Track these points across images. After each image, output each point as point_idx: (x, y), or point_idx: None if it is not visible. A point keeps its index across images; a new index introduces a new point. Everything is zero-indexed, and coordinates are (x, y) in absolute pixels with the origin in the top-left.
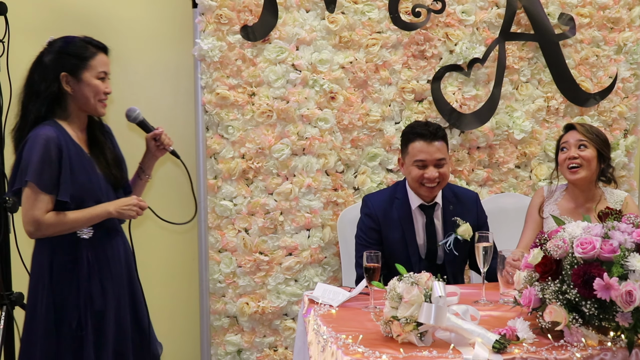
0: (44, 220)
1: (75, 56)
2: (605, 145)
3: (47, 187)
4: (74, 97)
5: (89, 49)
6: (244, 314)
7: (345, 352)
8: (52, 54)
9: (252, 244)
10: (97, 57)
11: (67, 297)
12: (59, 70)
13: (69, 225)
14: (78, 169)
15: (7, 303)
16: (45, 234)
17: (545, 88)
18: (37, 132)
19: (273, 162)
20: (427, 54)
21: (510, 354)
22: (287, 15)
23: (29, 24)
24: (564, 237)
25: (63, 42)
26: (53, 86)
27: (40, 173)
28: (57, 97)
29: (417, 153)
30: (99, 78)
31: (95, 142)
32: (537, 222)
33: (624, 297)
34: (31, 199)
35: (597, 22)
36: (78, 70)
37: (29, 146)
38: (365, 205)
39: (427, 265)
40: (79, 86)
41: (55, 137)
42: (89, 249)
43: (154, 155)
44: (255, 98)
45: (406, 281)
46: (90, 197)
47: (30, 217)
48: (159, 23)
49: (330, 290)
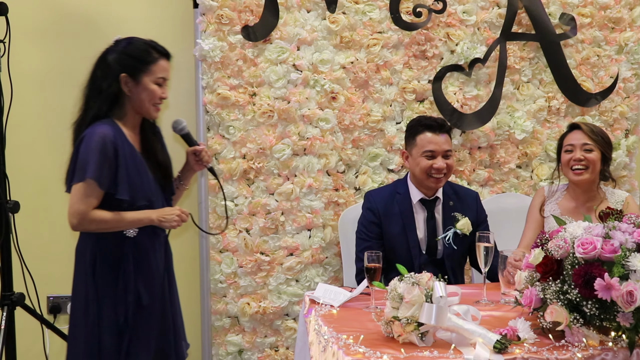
0: (89, 216)
1: (137, 59)
2: (608, 147)
3: (105, 185)
4: (130, 98)
5: (151, 54)
6: (245, 314)
7: (346, 353)
8: (116, 53)
9: (253, 244)
10: (158, 62)
11: (113, 293)
12: (120, 70)
13: (111, 225)
14: (132, 168)
15: (8, 303)
16: (87, 228)
17: (546, 88)
18: (93, 130)
19: (274, 163)
20: (428, 54)
21: (512, 354)
22: (288, 16)
23: (30, 24)
24: (565, 237)
25: (127, 42)
26: (114, 86)
27: (101, 170)
28: (115, 97)
29: (426, 144)
30: (156, 83)
31: (147, 143)
32: (538, 221)
33: (624, 297)
34: (84, 193)
35: (598, 22)
36: (138, 73)
37: (86, 144)
38: (367, 200)
39: (427, 260)
40: (137, 89)
41: (112, 135)
42: (133, 246)
43: (192, 169)
44: (256, 98)
45: (407, 281)
46: (142, 197)
47: (76, 210)
48: (160, 23)
49: (331, 290)
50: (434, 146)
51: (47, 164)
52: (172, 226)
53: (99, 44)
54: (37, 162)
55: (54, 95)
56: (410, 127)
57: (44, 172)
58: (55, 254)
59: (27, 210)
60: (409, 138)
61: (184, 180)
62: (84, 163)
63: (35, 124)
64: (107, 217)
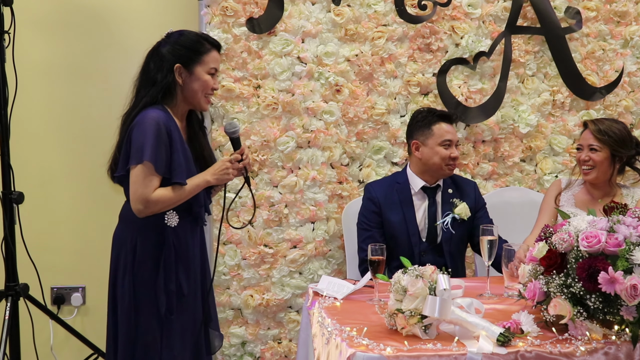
0: (152, 198)
1: (191, 49)
2: (619, 144)
3: (161, 169)
4: (183, 88)
5: (204, 45)
6: (249, 306)
7: (350, 345)
8: (169, 45)
9: (257, 237)
10: (211, 53)
11: (153, 281)
12: (174, 61)
13: (174, 200)
14: (181, 155)
15: (12, 294)
16: (153, 211)
17: (551, 82)
18: (145, 114)
19: (278, 155)
20: (432, 47)
21: (515, 347)
22: (292, 8)
23: (35, 15)
24: (569, 230)
25: (179, 34)
26: (169, 76)
27: (157, 154)
28: (169, 87)
29: (444, 133)
30: (209, 74)
31: (194, 135)
32: (552, 212)
33: (628, 291)
34: (144, 177)
35: (603, 16)
36: (192, 63)
37: (140, 128)
38: (367, 190)
39: (427, 247)
40: (190, 79)
41: (164, 120)
42: (174, 235)
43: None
44: (261, 90)
45: (411, 274)
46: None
47: (140, 194)
48: (164, 15)
49: (334, 282)
50: (450, 136)
51: (51, 155)
52: (229, 179)
53: (104, 35)
54: (42, 154)
55: (59, 87)
56: (423, 117)
57: (49, 163)
58: (60, 245)
59: (32, 201)
60: (422, 128)
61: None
62: (141, 146)
63: (40, 115)
64: (169, 195)
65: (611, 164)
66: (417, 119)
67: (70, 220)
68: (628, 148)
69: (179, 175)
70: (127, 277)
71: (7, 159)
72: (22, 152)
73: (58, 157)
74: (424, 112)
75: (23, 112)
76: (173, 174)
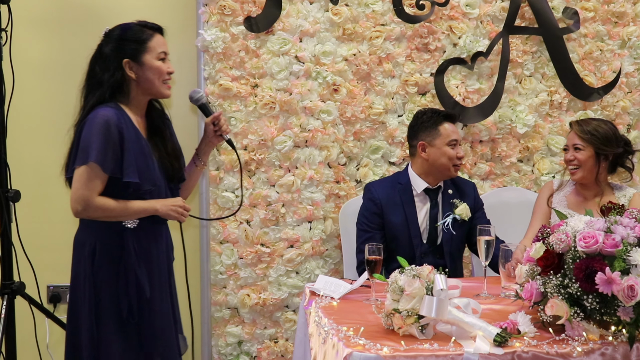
0: (94, 202)
1: (134, 41)
2: (602, 142)
3: (110, 168)
4: (137, 82)
5: (145, 32)
6: (245, 305)
7: (347, 344)
8: (112, 43)
9: (254, 236)
10: (154, 38)
11: (114, 285)
12: (121, 57)
13: (115, 213)
14: (137, 152)
15: (8, 292)
16: (90, 215)
17: (548, 82)
18: (96, 113)
19: (275, 154)
20: (430, 47)
21: (511, 347)
22: (290, 7)
23: (32, 13)
24: (566, 231)
25: (120, 29)
26: (117, 74)
27: (104, 153)
28: (119, 85)
29: (450, 133)
30: (159, 59)
31: (154, 129)
32: (545, 213)
33: (625, 292)
34: (87, 178)
35: (601, 16)
36: (138, 54)
37: (88, 127)
38: (368, 190)
39: (428, 249)
40: (142, 70)
41: (115, 118)
42: (134, 238)
43: (210, 142)
44: (258, 90)
45: (408, 274)
46: (148, 181)
47: (80, 195)
48: (162, 13)
49: (331, 282)
50: (456, 135)
51: (48, 153)
52: (176, 218)
53: (101, 33)
54: (39, 151)
55: (56, 84)
56: (429, 118)
57: (45, 161)
58: (56, 243)
59: (28, 199)
60: (428, 128)
61: (202, 157)
62: (87, 146)
63: (37, 112)
64: (112, 205)
65: (596, 163)
66: (422, 119)
67: (67, 219)
68: (613, 146)
69: (130, 175)
70: (87, 282)
71: (3, 157)
72: (18, 150)
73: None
74: (428, 113)
75: (20, 110)
76: (124, 173)
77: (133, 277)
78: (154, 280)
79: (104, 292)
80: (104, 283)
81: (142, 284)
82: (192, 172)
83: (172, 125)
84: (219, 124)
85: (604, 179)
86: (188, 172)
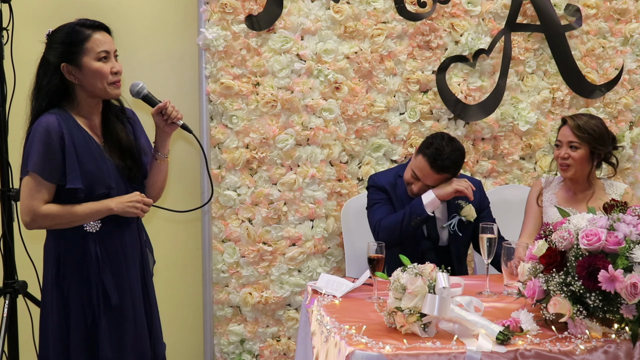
0: (40, 211)
1: (69, 43)
2: (598, 142)
3: (50, 176)
4: (80, 86)
5: (82, 32)
6: (247, 304)
7: (349, 343)
8: (50, 47)
9: (256, 234)
10: (92, 38)
11: (78, 293)
12: (58, 61)
13: (67, 218)
14: (85, 156)
15: (10, 291)
16: (41, 225)
17: (550, 79)
18: (38, 123)
19: (277, 152)
20: (432, 45)
21: (514, 345)
22: (292, 5)
23: (33, 12)
24: (569, 228)
25: (58, 31)
26: (54, 79)
27: (43, 162)
28: (62, 90)
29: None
30: (99, 59)
31: (108, 128)
32: (536, 212)
33: (628, 289)
34: (30, 188)
35: (603, 13)
36: (75, 56)
37: (31, 136)
38: (372, 180)
39: (429, 246)
40: (82, 73)
41: (56, 124)
42: (97, 243)
43: (163, 131)
44: (260, 88)
45: (410, 272)
46: (100, 185)
47: (26, 206)
48: (163, 12)
49: (333, 280)
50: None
51: None
52: (135, 213)
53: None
54: None
55: None
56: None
57: None
58: None
59: None
60: None
61: (160, 149)
62: (27, 156)
63: None
64: (59, 212)
65: (590, 161)
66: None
67: None
68: (606, 145)
69: (73, 181)
70: (54, 290)
71: (5, 156)
72: (20, 149)
73: None
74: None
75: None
76: (67, 179)
77: (99, 283)
78: (124, 285)
79: (71, 301)
80: (70, 290)
81: (109, 291)
82: (153, 166)
83: (136, 121)
84: (166, 112)
85: (593, 175)
86: (149, 167)
